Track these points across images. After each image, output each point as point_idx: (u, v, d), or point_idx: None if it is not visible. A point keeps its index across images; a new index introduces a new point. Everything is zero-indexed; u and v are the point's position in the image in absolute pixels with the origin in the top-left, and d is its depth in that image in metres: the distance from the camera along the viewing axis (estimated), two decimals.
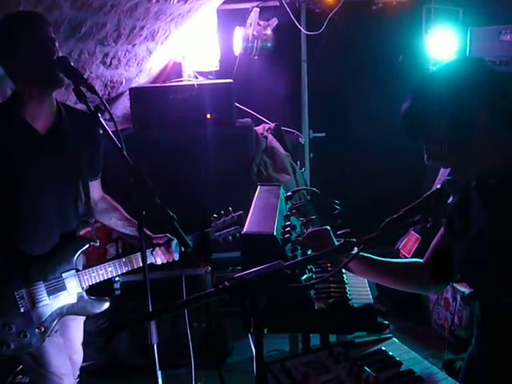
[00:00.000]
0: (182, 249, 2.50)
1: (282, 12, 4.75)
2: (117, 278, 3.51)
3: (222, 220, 2.68)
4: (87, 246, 2.49)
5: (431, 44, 4.39)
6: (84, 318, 2.63)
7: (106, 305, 2.52)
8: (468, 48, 4.00)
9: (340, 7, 4.73)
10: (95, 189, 2.61)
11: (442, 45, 4.29)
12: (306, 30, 5.00)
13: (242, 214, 2.67)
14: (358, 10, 4.87)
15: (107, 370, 3.49)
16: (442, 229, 1.87)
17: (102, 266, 2.48)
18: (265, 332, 1.91)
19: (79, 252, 2.46)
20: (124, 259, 2.51)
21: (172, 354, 3.27)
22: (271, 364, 1.68)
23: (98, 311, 2.51)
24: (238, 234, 2.68)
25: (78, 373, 2.71)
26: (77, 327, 2.65)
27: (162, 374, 2.01)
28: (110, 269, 2.49)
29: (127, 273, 3.54)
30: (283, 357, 1.75)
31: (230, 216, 2.69)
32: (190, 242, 1.99)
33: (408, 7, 4.81)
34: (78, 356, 2.71)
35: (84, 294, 2.46)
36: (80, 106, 2.40)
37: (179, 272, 2.28)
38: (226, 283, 1.45)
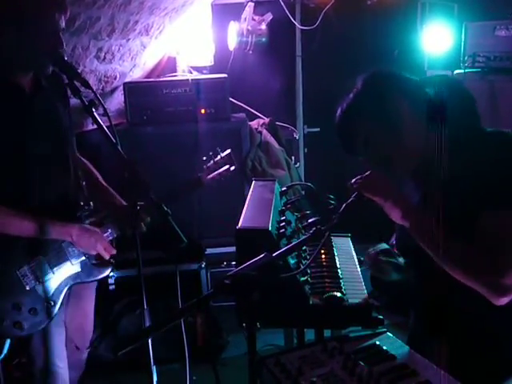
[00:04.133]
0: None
1: (276, 7, 4.74)
2: (111, 274, 3.51)
3: (211, 162, 2.62)
4: (82, 211, 2.43)
5: (426, 39, 4.39)
6: (95, 285, 2.62)
7: (109, 269, 2.49)
8: (463, 43, 4.00)
9: (335, 2, 4.72)
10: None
11: (437, 40, 4.29)
12: (301, 25, 4.99)
13: (231, 153, 2.63)
14: (352, 5, 4.85)
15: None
16: None
17: (101, 229, 2.43)
18: (258, 326, 1.91)
19: (75, 219, 2.39)
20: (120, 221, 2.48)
21: (166, 348, 3.27)
22: (266, 358, 1.68)
23: (104, 275, 2.48)
24: (228, 173, 2.63)
25: (88, 344, 2.70)
26: (89, 296, 2.64)
27: (156, 368, 2.02)
28: (109, 230, 2.45)
29: (121, 268, 3.55)
30: (278, 351, 1.76)
31: (219, 157, 2.63)
32: (183, 237, 1.98)
33: (403, 2, 4.80)
34: (90, 326, 2.70)
35: (87, 260, 2.42)
36: (74, 101, 2.39)
37: (173, 267, 2.28)
38: (227, 281, 1.45)
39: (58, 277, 2.35)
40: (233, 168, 2.63)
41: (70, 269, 2.38)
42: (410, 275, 2.03)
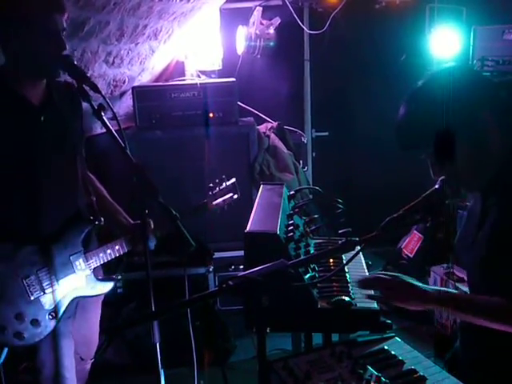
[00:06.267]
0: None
1: (284, 11, 4.75)
2: (119, 276, 3.51)
3: (217, 189, 2.68)
4: (92, 226, 2.45)
5: (434, 43, 4.38)
6: (101, 298, 2.62)
7: (111, 285, 2.50)
8: (471, 47, 3.99)
9: (343, 6, 4.73)
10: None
11: (446, 44, 4.28)
12: (309, 29, 4.99)
13: (236, 182, 2.70)
14: (360, 9, 4.86)
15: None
16: None
17: (108, 245, 2.45)
18: (268, 331, 1.91)
19: (85, 233, 2.41)
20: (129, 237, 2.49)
21: (174, 352, 3.27)
22: (274, 362, 1.68)
23: (106, 291, 2.50)
24: (232, 203, 2.71)
25: (93, 355, 2.70)
26: (94, 309, 2.64)
27: (164, 372, 2.02)
28: (117, 247, 2.46)
29: (130, 271, 3.55)
30: (286, 355, 1.75)
31: (225, 185, 2.69)
32: (191, 241, 1.98)
33: (411, 6, 4.80)
34: (95, 338, 2.70)
35: (92, 275, 2.43)
36: (83, 105, 2.41)
37: (182, 271, 2.29)
38: (230, 282, 1.45)
39: (63, 289, 2.36)
40: (236, 196, 2.71)
41: (74, 282, 2.39)
42: None
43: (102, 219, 2.50)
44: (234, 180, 2.71)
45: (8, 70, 2.24)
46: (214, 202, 2.67)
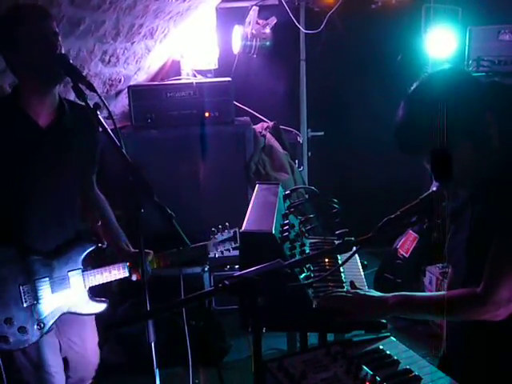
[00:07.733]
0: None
1: (280, 11, 4.75)
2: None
3: (218, 235, 2.74)
4: (94, 247, 2.50)
5: (430, 43, 4.39)
6: (93, 317, 2.63)
7: (103, 306, 2.53)
8: (467, 47, 4.00)
9: (339, 6, 4.73)
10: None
11: (441, 44, 4.29)
12: (305, 29, 4.99)
13: (237, 230, 2.74)
14: (357, 9, 4.86)
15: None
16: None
17: (107, 267, 2.49)
18: (263, 331, 1.91)
19: (86, 252, 2.46)
20: (128, 263, 2.52)
21: (169, 351, 3.27)
22: (269, 362, 1.67)
23: (96, 312, 2.52)
24: (231, 249, 2.77)
25: (94, 374, 2.70)
26: (90, 329, 2.65)
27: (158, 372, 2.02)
28: (114, 271, 2.50)
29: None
30: (281, 355, 1.75)
31: (227, 231, 2.76)
32: (186, 239, 1.99)
33: (407, 6, 4.80)
34: (94, 358, 2.69)
35: (86, 294, 2.46)
36: None
37: (177, 270, 2.29)
38: (226, 282, 1.45)
39: (56, 302, 2.38)
40: (234, 245, 2.76)
41: (68, 297, 2.41)
42: None
43: (106, 242, 2.56)
44: (235, 229, 2.75)
45: (19, 88, 2.30)
46: (214, 247, 2.73)
